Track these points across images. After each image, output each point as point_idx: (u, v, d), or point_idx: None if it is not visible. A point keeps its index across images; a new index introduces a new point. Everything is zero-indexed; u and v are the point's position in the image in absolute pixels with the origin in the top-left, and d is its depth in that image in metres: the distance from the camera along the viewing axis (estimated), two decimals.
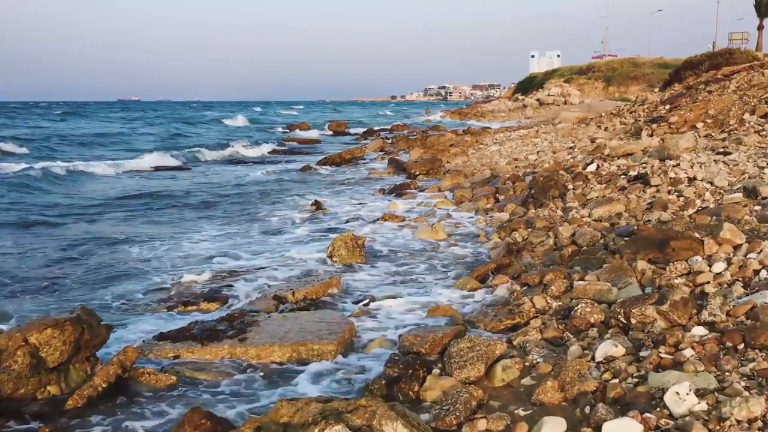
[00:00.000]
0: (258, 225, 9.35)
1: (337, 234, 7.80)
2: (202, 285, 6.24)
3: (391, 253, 7.36)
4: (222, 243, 8.15)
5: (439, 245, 7.69)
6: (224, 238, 8.48)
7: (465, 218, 9.35)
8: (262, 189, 13.53)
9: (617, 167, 10.63)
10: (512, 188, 10.56)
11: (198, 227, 9.29)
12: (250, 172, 17.31)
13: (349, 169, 17.67)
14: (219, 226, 9.36)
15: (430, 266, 6.77)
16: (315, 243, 7.88)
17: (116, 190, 13.68)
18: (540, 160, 15.01)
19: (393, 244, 7.80)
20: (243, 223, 9.51)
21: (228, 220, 9.95)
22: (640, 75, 52.82)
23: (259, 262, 7.06)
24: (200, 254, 7.54)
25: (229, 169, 18.14)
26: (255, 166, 19.16)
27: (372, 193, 12.38)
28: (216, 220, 9.92)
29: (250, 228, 9.08)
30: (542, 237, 7.64)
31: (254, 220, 9.76)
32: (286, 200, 11.75)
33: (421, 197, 11.48)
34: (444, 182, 12.73)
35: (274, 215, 10.15)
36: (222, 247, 7.92)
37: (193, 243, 8.18)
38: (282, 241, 8.14)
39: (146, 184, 14.71)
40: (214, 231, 8.97)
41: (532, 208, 9.32)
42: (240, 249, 7.72)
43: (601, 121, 18.78)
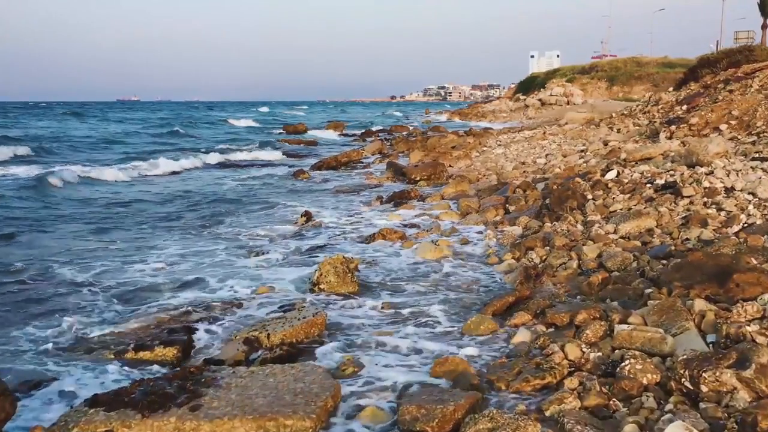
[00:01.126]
0: (235, 242, 8.20)
1: (325, 255, 6.76)
2: (159, 322, 5.19)
3: (389, 278, 6.30)
4: (188, 265, 6.98)
5: (444, 267, 6.63)
6: (191, 259, 7.29)
7: (472, 233, 8.30)
8: (247, 197, 12.43)
9: (640, 174, 9.59)
10: (523, 198, 9.52)
11: (161, 245, 8.06)
12: (237, 177, 16.23)
13: (345, 173, 16.62)
14: (186, 244, 8.13)
15: (434, 295, 5.72)
16: (299, 267, 6.81)
17: (75, 202, 12.12)
18: (550, 164, 13.97)
19: (391, 266, 6.75)
20: (217, 241, 8.27)
21: (198, 236, 8.69)
22: (645, 75, 51.74)
23: (230, 292, 6.00)
24: (159, 281, 6.41)
25: (215, 173, 17.02)
26: (243, 170, 18.05)
27: (369, 202, 11.32)
28: (185, 236, 8.66)
29: (225, 246, 7.95)
30: (563, 258, 6.60)
31: (231, 237, 8.57)
32: (272, 211, 10.68)
33: (422, 207, 10.43)
34: (447, 189, 11.69)
35: (256, 230, 9.07)
36: (188, 270, 6.78)
37: (151, 265, 7.02)
38: (261, 263, 7.06)
39: (117, 192, 13.56)
40: (179, 250, 7.77)
41: (548, 222, 8.28)
42: (209, 273, 6.63)
43: (612, 123, 17.74)
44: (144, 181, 15.72)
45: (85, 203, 11.88)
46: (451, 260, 6.92)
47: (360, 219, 9.49)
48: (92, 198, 12.49)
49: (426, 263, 6.83)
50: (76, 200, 12.20)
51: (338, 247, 7.68)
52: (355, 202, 11.28)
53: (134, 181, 15.49)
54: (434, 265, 6.73)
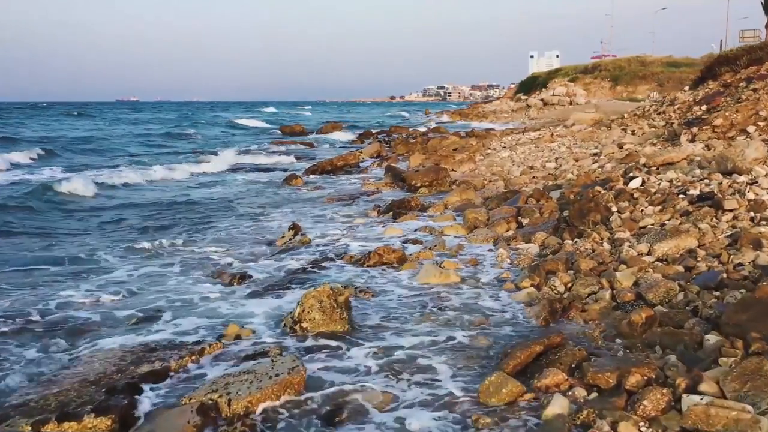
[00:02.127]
0: (203, 264, 7.08)
1: (310, 284, 5.71)
2: (98, 376, 4.14)
3: (385, 313, 5.25)
4: (140, 295, 5.87)
5: (451, 297, 5.58)
6: (145, 286, 6.15)
7: (482, 251, 7.26)
8: (227, 207, 11.33)
9: (669, 183, 8.54)
10: (537, 209, 8.47)
11: (109, 265, 6.97)
12: (221, 183, 15.15)
13: (341, 178, 15.57)
14: (141, 265, 7.02)
15: (441, 336, 4.66)
16: (279, 297, 5.75)
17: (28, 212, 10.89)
18: (561, 169, 12.93)
19: (389, 296, 5.69)
20: (181, 262, 7.09)
21: (157, 255, 7.53)
22: (649, 74, 50.65)
23: (190, 331, 4.94)
24: (103, 316, 5.27)
25: (198, 180, 15.93)
26: (230, 174, 16.98)
27: (365, 213, 10.27)
28: (141, 255, 7.52)
29: (190, 269, 6.87)
30: (593, 286, 5.56)
31: (199, 257, 7.41)
32: (254, 224, 9.62)
33: (423, 219, 9.39)
34: (451, 198, 10.63)
35: (232, 247, 8.02)
36: (139, 302, 5.63)
37: (95, 293, 5.94)
38: (232, 292, 6.00)
39: (84, 201, 12.46)
40: (131, 273, 6.63)
41: (568, 238, 7.24)
42: (166, 305, 5.55)
43: (624, 124, 16.70)
44: (128, 188, 14.65)
45: (38, 214, 10.83)
46: (459, 287, 5.87)
47: (354, 234, 8.43)
48: (53, 208, 11.44)
49: (430, 291, 5.78)
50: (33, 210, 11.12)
51: (327, 270, 6.63)
52: (349, 213, 10.22)
53: (113, 189, 14.41)
54: (439, 293, 5.68)
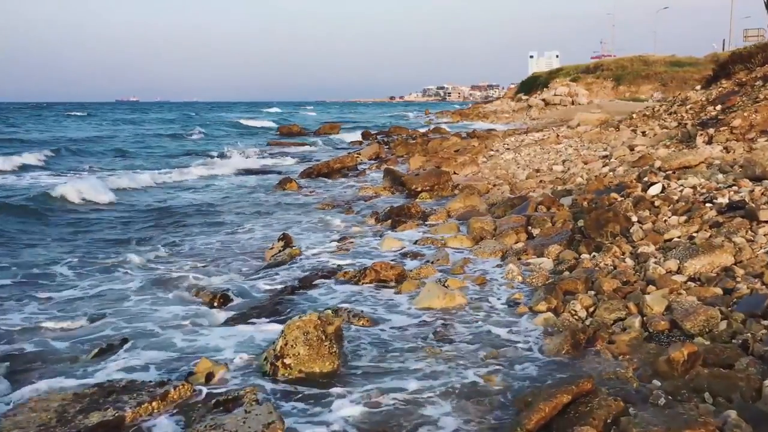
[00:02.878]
0: (178, 282, 6.38)
1: (295, 310, 5.02)
2: (33, 429, 3.44)
3: (381, 345, 4.55)
4: (98, 319, 5.18)
5: (456, 325, 4.89)
6: (106, 305, 5.51)
7: (490, 267, 6.56)
8: (212, 215, 10.62)
9: (692, 189, 7.85)
10: (549, 218, 7.77)
11: (67, 281, 6.33)
12: (210, 187, 14.43)
13: (337, 182, 14.87)
14: (105, 281, 6.33)
15: (445, 376, 3.97)
16: (260, 323, 5.05)
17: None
18: (570, 173, 12.24)
19: (386, 324, 4.99)
20: (154, 280, 6.36)
21: (125, 270, 6.79)
22: (652, 74, 49.89)
23: (152, 368, 4.24)
24: (52, 345, 4.60)
25: (188, 184, 15.20)
26: (220, 179, 16.23)
27: (362, 221, 9.58)
28: (106, 270, 6.79)
29: (159, 289, 6.18)
30: (619, 311, 4.87)
31: (174, 274, 6.72)
32: (241, 235, 8.92)
33: (424, 228, 8.70)
34: (454, 204, 9.94)
35: (213, 262, 7.33)
36: (94, 329, 4.98)
37: (37, 315, 5.25)
38: (208, 317, 5.30)
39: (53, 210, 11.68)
40: (87, 291, 5.96)
41: (585, 252, 6.55)
42: (131, 331, 4.86)
43: (633, 124, 16.00)
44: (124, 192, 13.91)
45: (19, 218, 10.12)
46: (465, 311, 5.18)
47: (349, 245, 7.73)
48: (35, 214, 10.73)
49: (432, 317, 5.08)
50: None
51: (317, 290, 5.93)
52: (345, 221, 9.52)
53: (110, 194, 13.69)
54: (443, 320, 4.99)
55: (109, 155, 22.75)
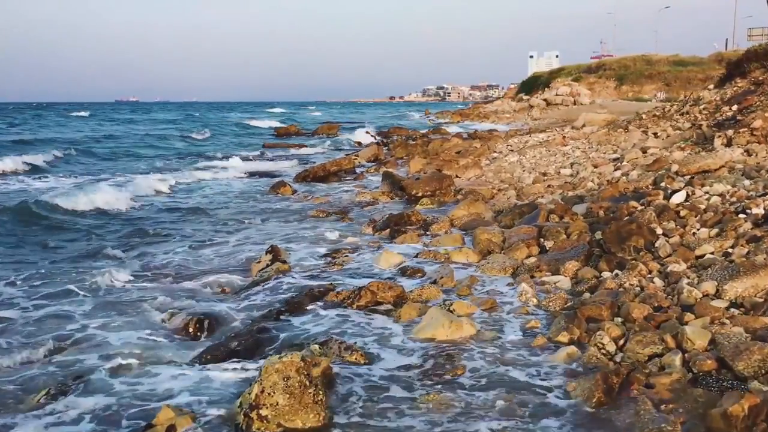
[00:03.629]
0: (149, 303, 5.69)
1: (278, 344, 4.33)
2: None
3: (376, 389, 3.85)
4: (46, 351, 4.52)
5: (465, 363, 4.18)
6: (52, 332, 4.82)
7: (500, 286, 5.86)
8: (196, 224, 9.92)
9: (720, 197, 7.16)
10: (563, 229, 7.07)
11: (2, 301, 5.61)
12: (199, 192, 13.70)
13: (333, 186, 14.17)
14: (57, 298, 5.66)
15: None
16: (237, 361, 4.34)
17: None
18: (580, 177, 11.54)
19: (382, 359, 4.30)
20: (124, 299, 5.65)
21: (89, 287, 6.03)
22: (655, 73, 49.15)
23: (97, 424, 3.54)
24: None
25: (180, 187, 14.45)
26: (209, 183, 15.49)
27: (358, 230, 8.89)
28: (65, 288, 6.03)
29: (129, 308, 5.45)
30: (654, 345, 4.18)
31: (151, 291, 6.08)
32: (230, 244, 8.23)
33: (426, 238, 8.01)
34: (457, 211, 9.24)
35: (198, 276, 6.64)
36: (34, 367, 4.31)
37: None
38: (177, 350, 4.59)
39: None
40: (33, 310, 5.29)
41: (606, 269, 5.86)
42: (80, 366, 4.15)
43: (643, 125, 15.31)
44: None
45: None
46: (474, 344, 4.48)
47: (343, 259, 7.03)
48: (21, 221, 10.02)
49: (436, 350, 4.38)
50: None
51: (305, 315, 5.23)
52: (340, 230, 8.82)
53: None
54: (450, 355, 4.29)
55: (113, 157, 22.07)
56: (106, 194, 12.04)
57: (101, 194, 11.97)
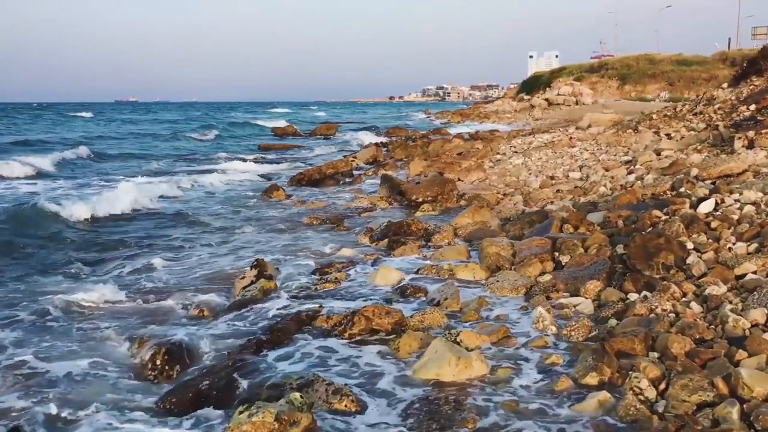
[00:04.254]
0: (108, 329, 4.97)
1: (254, 386, 3.64)
2: None
3: None
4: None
5: (475, 420, 3.47)
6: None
7: (512, 310, 5.17)
8: (187, 229, 9.23)
9: (754, 206, 6.46)
10: (580, 242, 6.37)
11: None
12: (187, 197, 12.98)
13: (329, 190, 13.48)
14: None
15: None
16: (209, 409, 3.64)
17: None
18: (591, 181, 10.85)
19: (376, 406, 3.60)
20: (81, 329, 4.90)
21: (39, 310, 5.35)
22: (659, 73, 48.42)
23: None
24: None
25: (169, 192, 13.73)
26: (198, 188, 14.73)
27: (354, 240, 8.21)
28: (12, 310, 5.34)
29: (89, 339, 4.76)
30: (703, 391, 3.50)
31: (115, 315, 5.38)
32: (213, 257, 7.53)
33: (427, 250, 7.32)
34: (461, 219, 8.55)
35: (175, 295, 5.95)
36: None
37: None
38: (138, 394, 3.89)
39: None
40: None
41: (632, 290, 5.18)
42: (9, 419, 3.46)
43: (654, 126, 14.61)
44: None
45: None
46: (485, 387, 3.78)
47: (337, 276, 6.33)
48: None
49: (440, 395, 3.69)
50: None
51: (289, 347, 4.53)
52: (333, 241, 8.14)
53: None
54: (459, 403, 3.59)
55: (119, 159, 21.42)
56: (97, 200, 11.29)
57: (89, 201, 11.21)
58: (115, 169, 18.42)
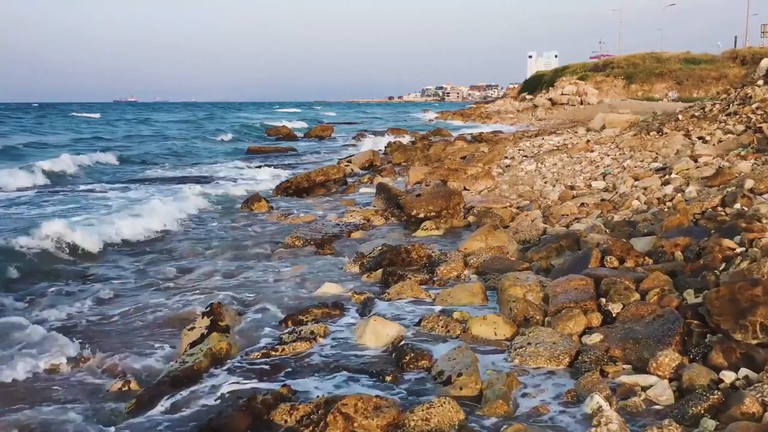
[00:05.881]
0: None
1: None
2: None
3: None
4: None
5: None
6: None
7: (554, 395, 3.64)
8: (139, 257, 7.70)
9: None
10: (632, 285, 4.83)
11: None
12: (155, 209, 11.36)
13: (319, 200, 11.95)
14: None
15: None
16: None
17: None
18: (620, 193, 9.32)
19: None
20: None
21: None
22: (666, 72, 46.82)
23: None
24: None
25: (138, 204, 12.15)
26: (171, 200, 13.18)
27: (340, 271, 6.69)
28: None
29: None
30: None
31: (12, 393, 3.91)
32: (160, 294, 5.97)
33: (431, 289, 5.79)
34: (472, 242, 7.03)
35: (85, 358, 4.45)
36: None
37: None
38: None
39: None
40: None
41: (722, 362, 3.67)
42: None
43: (682, 127, 13.07)
44: None
45: None
46: None
47: (314, 330, 4.79)
48: None
49: None
50: None
51: None
52: (317, 269, 6.61)
53: None
54: None
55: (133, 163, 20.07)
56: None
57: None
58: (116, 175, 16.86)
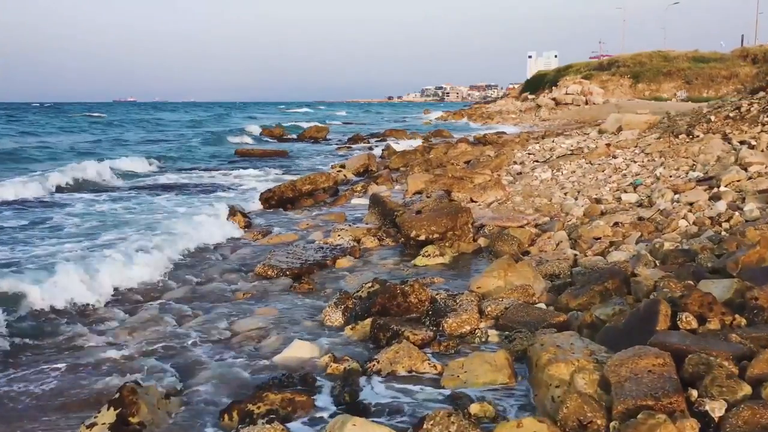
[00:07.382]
0: None
1: None
2: None
3: None
4: None
5: None
6: None
7: None
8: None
9: None
10: (732, 366, 3.29)
11: None
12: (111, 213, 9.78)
13: (304, 214, 10.39)
14: None
15: None
16: None
17: None
18: (660, 209, 7.76)
19: None
20: None
21: None
22: (674, 71, 45.20)
23: None
24: None
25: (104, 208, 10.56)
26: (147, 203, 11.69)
27: (317, 317, 5.14)
28: None
29: None
30: None
31: None
32: (58, 361, 4.42)
33: (435, 356, 4.24)
34: (487, 279, 5.48)
35: None
36: None
37: None
38: None
39: None
40: None
41: None
42: None
43: (716, 129, 11.53)
44: None
45: None
46: None
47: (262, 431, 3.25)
48: None
49: None
50: None
51: None
52: (286, 321, 5.06)
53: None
54: None
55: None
56: None
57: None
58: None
